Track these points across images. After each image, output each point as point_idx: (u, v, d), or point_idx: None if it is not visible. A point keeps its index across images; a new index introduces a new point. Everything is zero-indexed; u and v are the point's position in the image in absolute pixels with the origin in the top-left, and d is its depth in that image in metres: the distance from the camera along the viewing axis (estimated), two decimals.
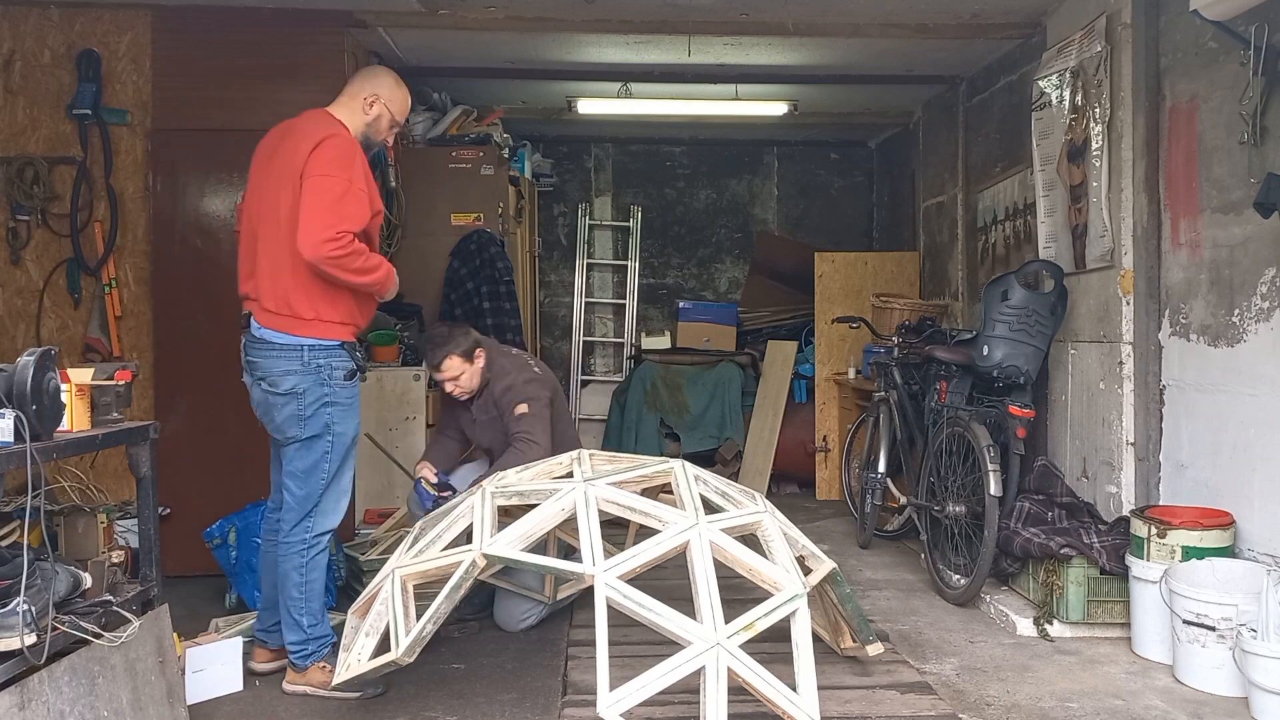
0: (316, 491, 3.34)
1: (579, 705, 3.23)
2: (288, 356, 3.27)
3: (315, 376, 3.28)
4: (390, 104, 3.44)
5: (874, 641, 3.49)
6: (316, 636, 3.39)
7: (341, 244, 3.14)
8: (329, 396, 3.30)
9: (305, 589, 3.36)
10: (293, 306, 3.26)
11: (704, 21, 5.06)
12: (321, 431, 3.31)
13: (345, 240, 3.15)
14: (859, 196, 8.58)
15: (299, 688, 3.40)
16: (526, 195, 6.96)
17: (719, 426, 7.37)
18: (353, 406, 3.40)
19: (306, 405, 3.28)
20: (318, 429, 3.31)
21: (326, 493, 3.37)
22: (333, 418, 3.32)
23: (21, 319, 4.83)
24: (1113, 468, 4.32)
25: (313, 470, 3.33)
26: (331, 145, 3.24)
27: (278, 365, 3.28)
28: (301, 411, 3.29)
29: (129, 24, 4.81)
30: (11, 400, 2.51)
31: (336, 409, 3.33)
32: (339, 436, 3.34)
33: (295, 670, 3.41)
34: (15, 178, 4.74)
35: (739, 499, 3.27)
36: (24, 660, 2.43)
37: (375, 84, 3.44)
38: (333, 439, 3.33)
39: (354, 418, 3.41)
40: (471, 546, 2.94)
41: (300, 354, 3.27)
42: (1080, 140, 4.50)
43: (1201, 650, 3.41)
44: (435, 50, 5.61)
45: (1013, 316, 4.49)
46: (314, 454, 3.33)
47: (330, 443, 3.33)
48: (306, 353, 3.27)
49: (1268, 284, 3.56)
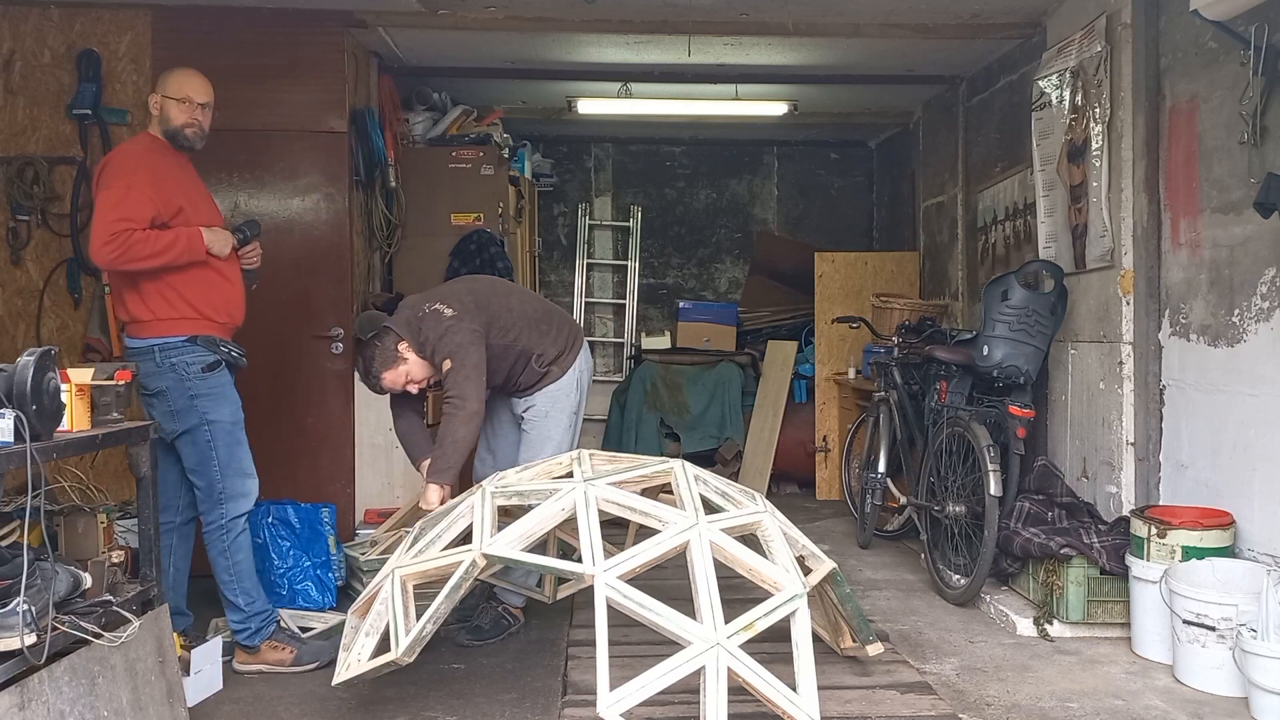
0: (216, 479, 3.49)
1: (579, 705, 3.23)
2: (144, 359, 3.43)
3: (173, 374, 3.42)
4: (165, 91, 3.54)
5: (874, 641, 3.49)
6: (256, 613, 3.56)
7: (117, 240, 3.26)
8: (192, 389, 3.43)
9: (233, 570, 3.53)
10: (132, 313, 3.45)
11: (704, 21, 5.06)
12: (198, 423, 3.45)
13: (120, 232, 3.26)
14: (859, 196, 8.58)
15: (252, 667, 3.56)
16: (526, 195, 6.96)
17: (719, 426, 7.37)
18: (222, 394, 3.50)
19: (173, 401, 3.43)
20: (193, 421, 3.45)
21: (226, 479, 3.50)
22: (203, 406, 3.45)
23: (21, 319, 4.83)
24: (1113, 468, 4.32)
25: (204, 461, 3.48)
26: (106, 163, 3.48)
27: (142, 369, 3.42)
28: (171, 407, 3.43)
29: (129, 24, 4.81)
30: (11, 400, 2.51)
31: (204, 399, 3.45)
32: (215, 424, 3.47)
33: (246, 651, 3.56)
34: (15, 178, 4.74)
35: (739, 499, 3.27)
36: (24, 660, 2.42)
37: (161, 86, 3.58)
38: (209, 427, 3.46)
39: (227, 404, 3.51)
40: (471, 546, 2.94)
41: (153, 355, 3.42)
42: (1080, 140, 4.50)
43: (1201, 650, 3.41)
44: (435, 50, 5.61)
45: (1013, 316, 4.49)
46: (199, 446, 3.47)
47: (209, 431, 3.46)
48: (158, 353, 3.41)
49: (1268, 284, 3.56)
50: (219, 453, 3.48)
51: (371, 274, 5.53)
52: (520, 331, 3.87)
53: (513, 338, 3.85)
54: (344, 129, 4.95)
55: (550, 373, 3.93)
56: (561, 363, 3.95)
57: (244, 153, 4.85)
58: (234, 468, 3.52)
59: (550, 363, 3.93)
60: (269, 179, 4.90)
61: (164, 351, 3.42)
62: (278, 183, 4.91)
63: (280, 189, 4.91)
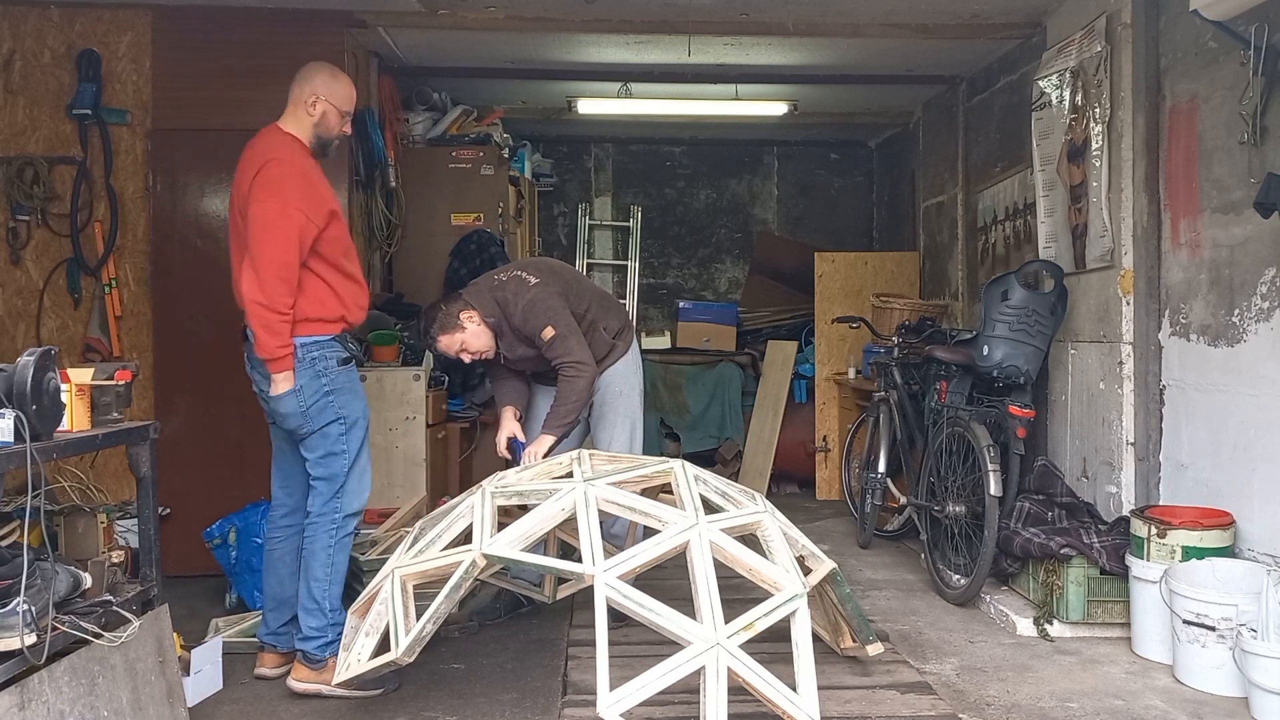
0: (341, 472, 3.39)
1: (579, 705, 3.23)
2: None
3: (310, 370, 3.31)
4: (331, 98, 3.44)
5: (874, 641, 3.49)
6: (336, 623, 3.36)
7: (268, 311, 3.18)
8: (327, 385, 3.34)
9: (331, 570, 3.37)
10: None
11: (704, 21, 5.06)
12: (332, 418, 3.36)
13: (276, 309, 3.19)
14: (859, 196, 8.58)
15: (312, 686, 3.33)
16: (526, 195, 6.96)
17: (719, 426, 7.37)
18: (354, 389, 3.43)
19: (306, 399, 3.31)
20: (327, 418, 3.35)
21: (350, 472, 3.40)
22: (336, 401, 3.36)
23: (21, 319, 4.83)
24: (1113, 468, 4.32)
25: (332, 454, 3.38)
26: (266, 171, 3.27)
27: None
28: (302, 406, 3.31)
29: (129, 24, 4.82)
30: (11, 400, 2.51)
31: (338, 394, 3.36)
32: (347, 419, 3.39)
33: (310, 666, 3.34)
34: (15, 178, 4.74)
35: (739, 499, 3.27)
36: (24, 660, 2.43)
37: (312, 84, 3.43)
38: (343, 422, 3.38)
39: (358, 399, 3.45)
40: (471, 546, 2.94)
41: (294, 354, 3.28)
42: (1080, 140, 4.50)
43: (1201, 650, 3.41)
44: (435, 50, 5.61)
45: (1013, 316, 4.49)
46: (329, 439, 3.37)
47: (342, 425, 3.38)
48: (298, 350, 3.29)
49: (1268, 284, 3.56)
50: (350, 444, 3.39)
51: (371, 274, 5.53)
52: (590, 303, 4.04)
53: (585, 307, 4.00)
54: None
55: (617, 347, 4.05)
56: (625, 337, 4.08)
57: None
58: (360, 464, 3.44)
59: (615, 335, 4.05)
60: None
61: (304, 348, 3.29)
62: None
63: None
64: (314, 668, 3.35)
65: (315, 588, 3.37)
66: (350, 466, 3.40)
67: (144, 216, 4.85)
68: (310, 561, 3.38)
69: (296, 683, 3.36)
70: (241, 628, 3.91)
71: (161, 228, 4.82)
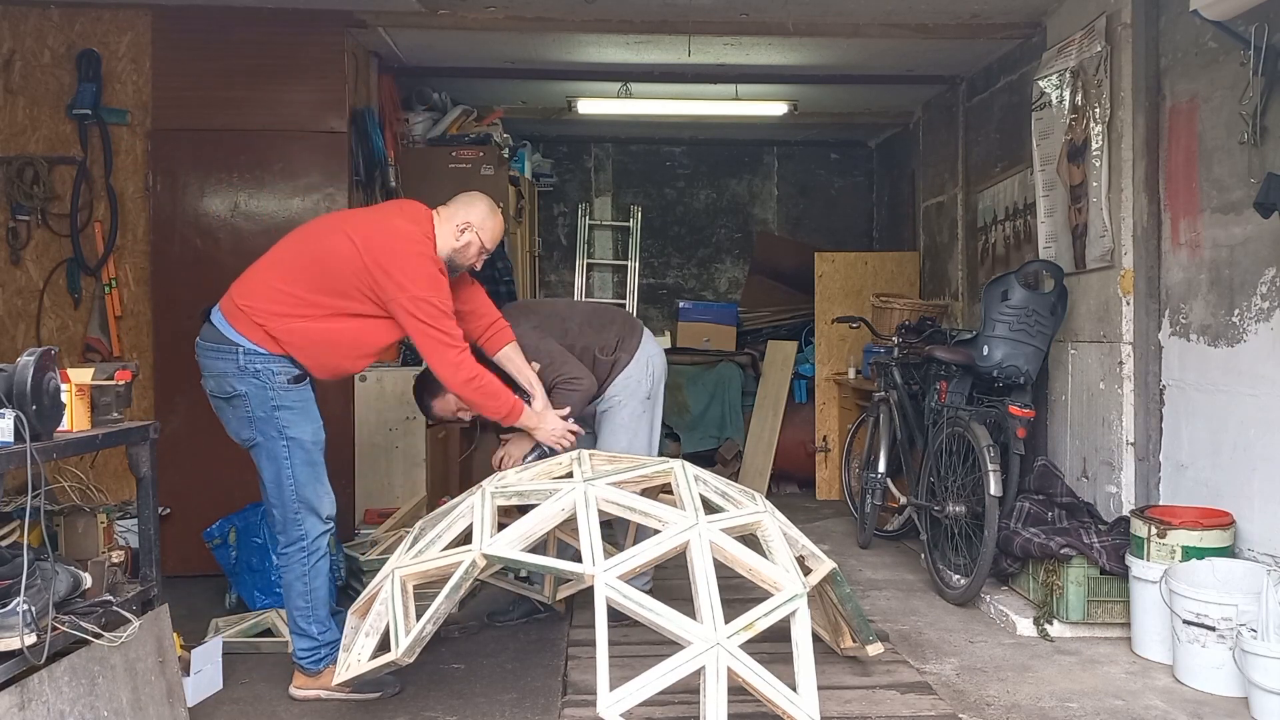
0: (291, 500, 3.29)
1: (579, 705, 3.23)
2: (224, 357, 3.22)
3: (255, 380, 3.22)
4: (481, 232, 3.45)
5: (874, 641, 3.48)
6: (327, 642, 3.35)
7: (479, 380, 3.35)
8: (275, 399, 3.24)
9: (310, 596, 3.33)
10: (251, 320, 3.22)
11: (704, 21, 5.06)
12: (276, 436, 3.25)
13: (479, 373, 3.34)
14: (859, 196, 8.58)
15: (311, 693, 3.35)
16: (526, 195, 6.97)
17: (719, 426, 7.37)
18: (305, 409, 3.31)
19: (253, 407, 3.23)
20: (271, 433, 3.25)
21: (303, 499, 3.30)
22: (284, 420, 3.25)
23: (21, 319, 4.83)
24: (1113, 468, 4.32)
25: (279, 479, 3.28)
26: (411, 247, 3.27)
27: (219, 367, 3.23)
28: (249, 413, 3.24)
29: (129, 24, 4.82)
30: (11, 400, 2.51)
31: (287, 411, 3.26)
32: (295, 441, 3.27)
33: (306, 674, 3.36)
34: (15, 178, 4.74)
35: (739, 499, 3.27)
36: (24, 660, 2.43)
37: (470, 210, 3.44)
38: (288, 444, 3.26)
39: (309, 421, 3.32)
40: (471, 547, 2.94)
41: (235, 355, 3.21)
42: (1080, 140, 4.50)
43: (1201, 650, 3.41)
44: (435, 50, 5.61)
45: (1013, 316, 4.49)
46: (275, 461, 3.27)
47: (287, 448, 3.27)
48: (241, 355, 3.21)
49: (1268, 284, 3.56)
50: (296, 472, 3.27)
51: None
52: (577, 333, 3.97)
53: (570, 340, 3.93)
54: (344, 129, 4.94)
55: (619, 360, 3.99)
56: (627, 347, 4.00)
57: (244, 153, 4.85)
58: (312, 488, 3.31)
59: (614, 350, 3.99)
60: (269, 179, 4.90)
61: (249, 355, 3.21)
62: (277, 183, 4.90)
63: (280, 189, 4.90)
64: (312, 675, 3.36)
65: (299, 617, 3.34)
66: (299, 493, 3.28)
67: (144, 216, 4.85)
68: (288, 593, 3.35)
69: (297, 690, 3.37)
70: (241, 628, 3.91)
71: (161, 228, 4.82)
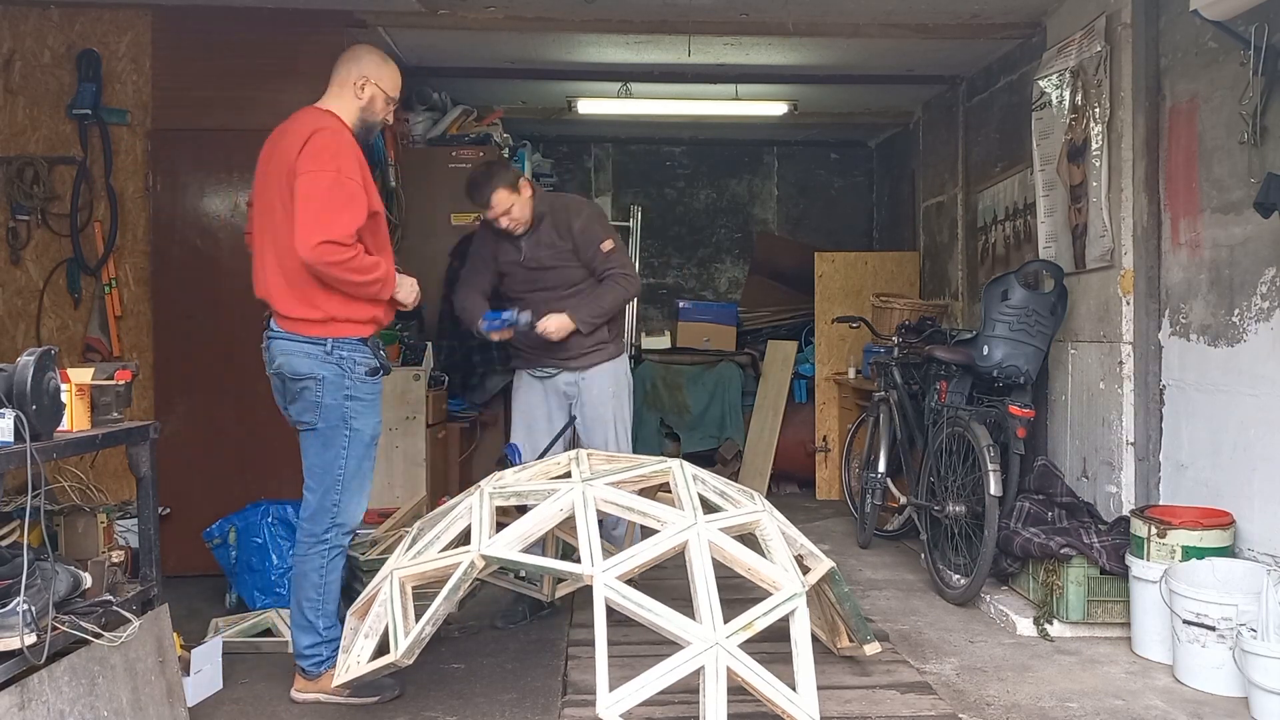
0: (333, 492, 3.26)
1: (579, 705, 3.23)
2: (309, 352, 3.20)
3: (336, 368, 3.21)
4: (380, 82, 3.34)
5: (871, 641, 3.48)
6: (331, 639, 3.31)
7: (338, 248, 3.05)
8: (350, 389, 3.23)
9: (323, 590, 3.29)
10: (307, 311, 3.19)
11: (704, 21, 5.06)
12: (339, 424, 3.23)
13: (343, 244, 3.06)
14: (859, 196, 8.58)
15: (310, 695, 3.32)
16: None
17: (719, 426, 7.37)
18: (373, 403, 3.32)
19: (325, 393, 3.20)
20: (334, 421, 3.23)
21: (346, 494, 3.27)
22: (351, 411, 3.24)
23: (21, 319, 4.83)
24: (1113, 468, 4.32)
25: (328, 467, 3.26)
26: (317, 139, 3.14)
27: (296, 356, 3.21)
28: (319, 397, 3.20)
29: (129, 24, 4.81)
30: (11, 400, 2.51)
31: (357, 402, 3.25)
32: (356, 433, 3.26)
33: (306, 677, 3.33)
34: (15, 178, 4.74)
35: (738, 498, 3.27)
36: (24, 660, 2.43)
37: (361, 66, 3.34)
38: (349, 434, 3.25)
39: (374, 415, 3.32)
40: (470, 547, 2.94)
41: (323, 347, 3.19)
42: (1080, 140, 4.50)
43: (1201, 650, 3.41)
44: (435, 50, 5.61)
45: (1013, 316, 4.49)
46: (331, 449, 3.25)
47: (348, 438, 3.25)
48: (329, 345, 3.19)
49: (1268, 284, 3.56)
50: (349, 463, 3.25)
51: None
52: None
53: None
54: None
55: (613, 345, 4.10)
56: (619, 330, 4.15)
57: (244, 153, 4.77)
58: (357, 484, 3.30)
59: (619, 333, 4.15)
60: None
61: (337, 345, 3.19)
62: None
63: None
64: (311, 678, 3.33)
65: (307, 608, 3.29)
66: (345, 487, 3.27)
67: (144, 216, 4.85)
68: (301, 582, 3.30)
69: (297, 693, 3.35)
70: (241, 628, 3.90)
71: (161, 228, 4.82)
